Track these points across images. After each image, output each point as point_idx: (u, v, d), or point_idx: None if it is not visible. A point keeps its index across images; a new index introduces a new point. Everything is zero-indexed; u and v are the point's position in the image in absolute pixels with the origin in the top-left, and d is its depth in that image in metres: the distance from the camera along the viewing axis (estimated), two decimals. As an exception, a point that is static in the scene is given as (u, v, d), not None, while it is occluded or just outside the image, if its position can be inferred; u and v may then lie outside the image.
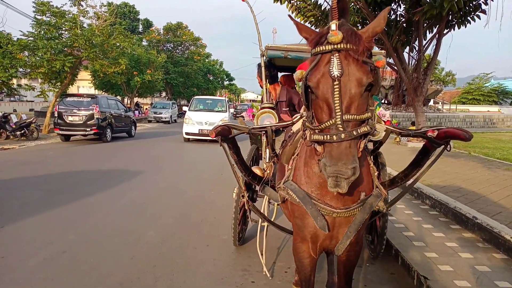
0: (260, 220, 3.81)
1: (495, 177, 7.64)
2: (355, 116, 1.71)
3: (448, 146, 2.33)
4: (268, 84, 4.50)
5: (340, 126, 1.69)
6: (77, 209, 6.01)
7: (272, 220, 3.67)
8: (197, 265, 4.09)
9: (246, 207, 3.24)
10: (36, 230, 5.05)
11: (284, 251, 4.44)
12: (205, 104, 18.46)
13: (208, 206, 6.36)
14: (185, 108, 21.28)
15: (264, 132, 3.14)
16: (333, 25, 1.75)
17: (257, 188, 3.76)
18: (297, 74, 1.95)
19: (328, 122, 1.72)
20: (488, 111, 35.43)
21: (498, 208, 5.38)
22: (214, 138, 2.50)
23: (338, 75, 1.69)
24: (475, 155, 11.11)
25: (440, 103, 38.13)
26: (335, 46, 1.71)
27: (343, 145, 1.68)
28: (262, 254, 3.80)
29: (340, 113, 1.69)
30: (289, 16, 2.03)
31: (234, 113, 32.56)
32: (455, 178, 7.58)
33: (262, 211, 3.60)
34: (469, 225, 4.94)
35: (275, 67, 5.08)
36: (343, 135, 1.67)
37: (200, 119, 16.29)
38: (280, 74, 5.34)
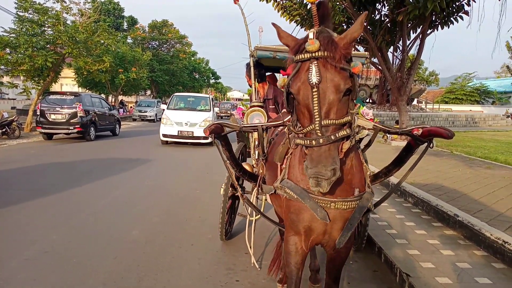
0: (248, 215, 3.88)
1: (476, 176, 7.78)
2: (334, 120, 1.80)
3: (431, 143, 2.43)
4: (256, 83, 4.63)
5: (319, 131, 1.79)
6: (60, 209, 5.93)
7: (259, 216, 3.79)
8: (181, 264, 4.08)
9: (241, 200, 3.29)
10: (18, 230, 4.97)
11: (268, 251, 4.45)
12: (187, 102, 16.55)
13: (193, 205, 6.34)
14: (163, 106, 19.96)
15: (255, 130, 3.18)
16: (311, 34, 1.83)
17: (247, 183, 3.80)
18: (280, 81, 2.01)
19: (308, 127, 1.83)
20: (471, 110, 36.05)
21: (479, 206, 5.48)
22: (196, 141, 2.58)
23: (317, 82, 1.77)
24: (457, 153, 11.30)
25: (423, 102, 38.64)
26: (313, 54, 1.80)
27: (323, 148, 1.78)
28: (250, 247, 3.82)
29: (318, 119, 1.79)
30: (273, 24, 2.07)
31: (218, 112, 32.32)
32: (437, 176, 7.70)
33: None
34: (450, 222, 5.03)
35: (263, 66, 5.13)
36: (321, 140, 1.77)
37: (179, 119, 14.40)
38: (267, 74, 5.51)
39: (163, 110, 16.42)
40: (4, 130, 15.17)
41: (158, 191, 7.26)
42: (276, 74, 5.38)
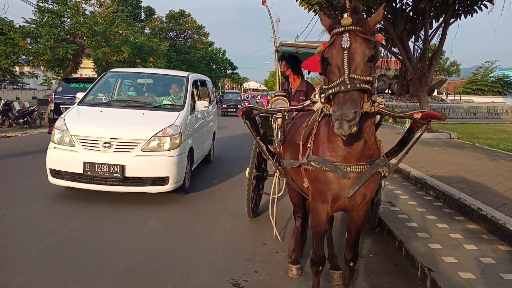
0: (271, 193, 4.41)
1: (500, 169, 7.59)
2: (359, 76, 2.20)
3: (429, 125, 2.85)
4: (292, 74, 5.31)
5: (347, 80, 2.18)
6: (79, 197, 5.99)
7: (281, 194, 4.54)
8: (199, 254, 4.08)
9: (275, 169, 3.94)
10: (38, 218, 5.04)
11: (286, 242, 4.41)
12: (137, 89, 7.94)
13: (211, 195, 6.34)
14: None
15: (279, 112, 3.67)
16: (345, 14, 2.30)
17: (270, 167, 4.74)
18: (319, 48, 2.44)
19: (339, 80, 2.22)
20: (493, 102, 35.19)
21: (503, 199, 5.33)
22: (124, 188, 2.89)
23: (347, 47, 2.23)
24: (479, 146, 11.03)
25: (444, 93, 37.88)
26: (346, 28, 2.25)
27: (348, 95, 2.18)
28: (273, 220, 4.32)
29: (347, 71, 2.19)
30: (319, 13, 2.48)
31: (225, 107, 27.23)
32: (459, 169, 7.53)
33: (273, 186, 4.42)
34: (473, 216, 4.90)
35: (299, 60, 5.52)
36: (348, 86, 2.17)
37: (97, 134, 5.71)
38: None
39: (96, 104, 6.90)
40: (25, 119, 15.44)
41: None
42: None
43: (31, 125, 15.48)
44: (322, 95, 2.52)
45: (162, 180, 5.63)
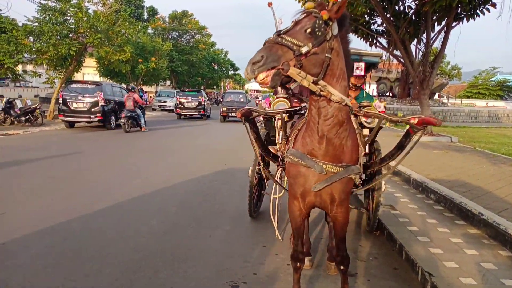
0: (272, 193, 4.22)
1: (501, 173, 7.56)
2: (289, 37, 2.20)
3: (425, 130, 2.90)
4: None
5: (275, 36, 2.23)
6: (80, 197, 5.99)
7: (282, 194, 4.30)
8: (198, 255, 4.06)
9: (263, 173, 3.91)
10: (38, 217, 5.03)
11: (286, 244, 4.39)
12: None
13: (211, 197, 6.33)
14: None
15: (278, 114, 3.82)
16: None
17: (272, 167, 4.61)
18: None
19: None
20: (494, 106, 35.15)
21: (504, 204, 5.31)
22: None
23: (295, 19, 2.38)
24: (480, 150, 11.01)
25: (445, 96, 37.86)
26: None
27: (266, 44, 2.20)
28: (274, 220, 4.11)
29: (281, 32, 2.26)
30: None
31: (224, 110, 21.88)
32: (460, 173, 7.51)
33: (274, 186, 4.25)
34: (474, 221, 4.88)
35: None
36: (271, 39, 2.23)
37: None
38: None
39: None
40: (27, 117, 15.46)
41: (176, 181, 7.26)
42: None
43: (33, 123, 15.50)
44: None
45: None
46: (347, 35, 2.58)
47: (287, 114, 3.91)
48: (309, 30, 2.22)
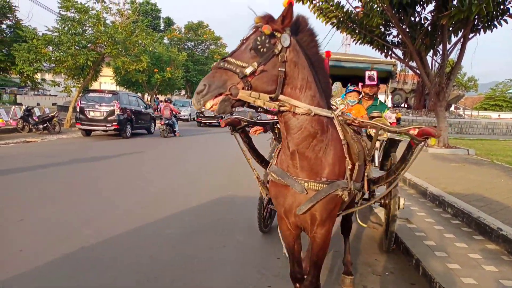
0: None
1: (520, 187, 7.42)
2: (234, 60, 2.09)
3: (425, 142, 2.80)
4: None
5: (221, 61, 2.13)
6: (96, 204, 6.05)
7: None
8: (213, 266, 4.07)
9: (258, 183, 3.51)
10: (54, 224, 5.10)
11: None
12: None
13: (225, 206, 6.33)
14: None
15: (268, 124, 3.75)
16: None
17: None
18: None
19: None
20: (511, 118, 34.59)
21: (523, 219, 5.21)
22: None
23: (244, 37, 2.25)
24: (498, 163, 10.82)
25: (461, 108, 37.43)
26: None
27: (211, 72, 2.11)
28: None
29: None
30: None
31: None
32: (477, 186, 7.39)
33: None
34: (493, 236, 4.79)
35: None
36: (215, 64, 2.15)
37: None
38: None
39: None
40: (45, 125, 15.75)
41: (191, 190, 7.30)
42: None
43: (50, 131, 15.78)
44: None
45: None
46: (313, 39, 2.37)
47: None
48: (251, 48, 2.09)
